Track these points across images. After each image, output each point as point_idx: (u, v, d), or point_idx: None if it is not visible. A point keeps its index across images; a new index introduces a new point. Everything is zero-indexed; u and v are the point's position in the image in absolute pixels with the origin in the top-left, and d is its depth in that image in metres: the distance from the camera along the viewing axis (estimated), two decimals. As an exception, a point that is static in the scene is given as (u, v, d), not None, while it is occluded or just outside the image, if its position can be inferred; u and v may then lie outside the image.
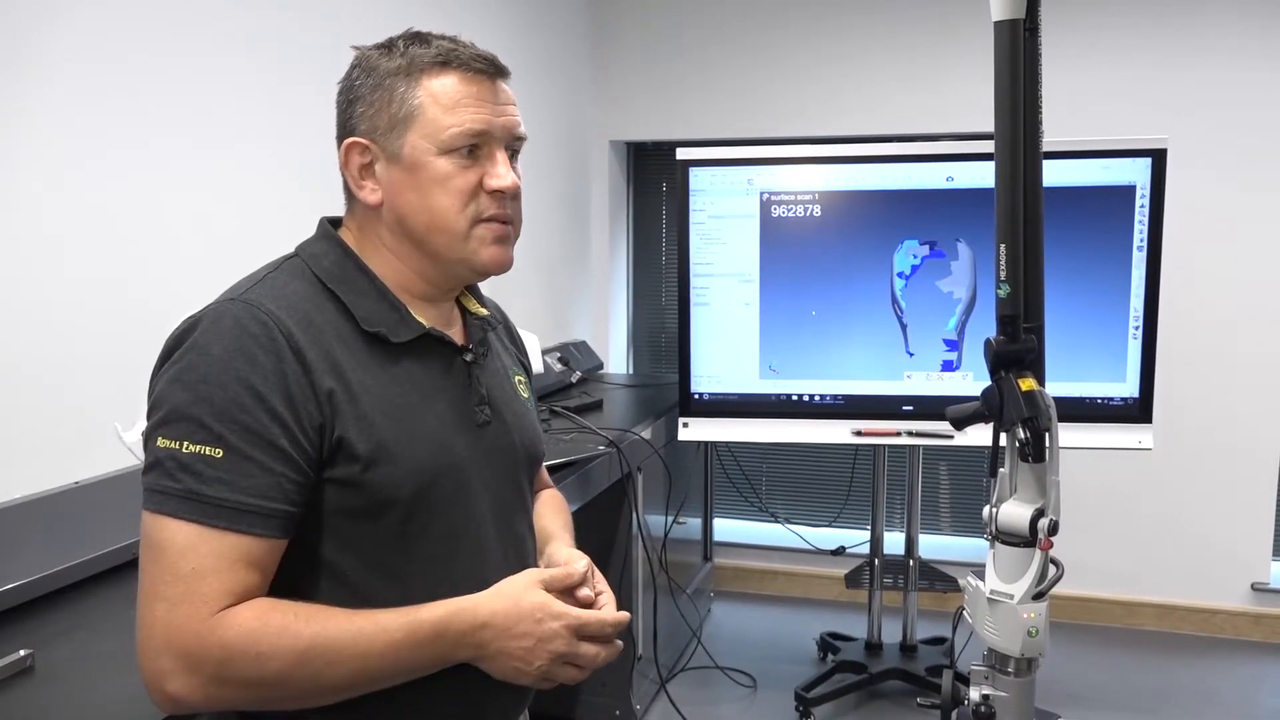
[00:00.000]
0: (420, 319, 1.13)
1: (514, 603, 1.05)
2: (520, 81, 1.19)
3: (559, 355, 3.72)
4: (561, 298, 4.14)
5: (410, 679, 1.03)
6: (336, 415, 1.02)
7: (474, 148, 1.09)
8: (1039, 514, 1.50)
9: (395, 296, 1.12)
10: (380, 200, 1.10)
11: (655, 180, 4.54)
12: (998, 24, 1.44)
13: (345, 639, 0.98)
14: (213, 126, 2.13)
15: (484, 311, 1.25)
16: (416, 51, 1.09)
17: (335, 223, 1.18)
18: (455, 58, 1.09)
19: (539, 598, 1.06)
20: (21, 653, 1.30)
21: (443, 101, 1.07)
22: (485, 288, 1.23)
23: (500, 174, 1.10)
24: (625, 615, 1.11)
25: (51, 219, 1.77)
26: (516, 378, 1.30)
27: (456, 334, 1.20)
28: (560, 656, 1.06)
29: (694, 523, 3.96)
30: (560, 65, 4.01)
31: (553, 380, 3.52)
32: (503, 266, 1.14)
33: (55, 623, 1.43)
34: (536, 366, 2.88)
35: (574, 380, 3.68)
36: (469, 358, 1.18)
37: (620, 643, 1.13)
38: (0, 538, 1.53)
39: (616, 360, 4.50)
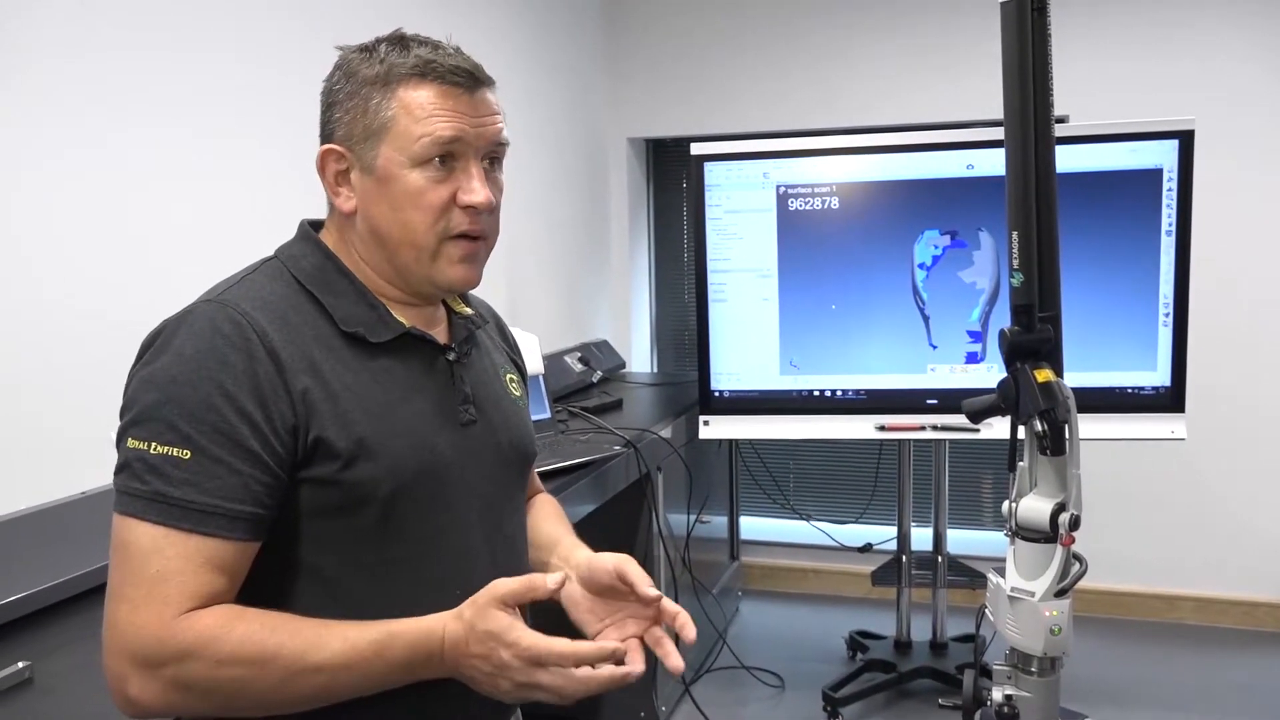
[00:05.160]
0: (400, 319, 1.12)
1: (469, 627, 0.98)
2: (533, 80, 1.18)
3: (579, 355, 3.69)
4: (581, 297, 4.11)
5: (376, 693, 1.00)
6: (313, 414, 1.01)
7: (447, 158, 1.06)
8: (1060, 508, 1.46)
9: (375, 297, 1.11)
10: (354, 208, 1.09)
11: (676, 176, 4.50)
12: (1004, 4, 1.41)
13: (310, 652, 0.95)
14: (212, 125, 2.12)
15: (469, 310, 1.24)
16: (394, 60, 1.06)
17: (317, 225, 1.16)
18: (432, 70, 1.05)
19: (493, 624, 0.96)
20: (20, 665, 1.30)
21: (415, 113, 1.04)
22: (501, 288, 1.20)
23: (473, 189, 1.07)
24: (608, 646, 1.01)
25: (53, 223, 1.77)
26: (508, 376, 1.28)
27: (440, 333, 1.18)
28: (521, 686, 0.98)
29: (720, 521, 3.92)
30: (574, 63, 3.98)
31: (573, 380, 3.50)
32: (469, 285, 1.13)
33: (55, 635, 1.42)
34: (535, 365, 2.85)
35: (595, 380, 3.65)
36: (452, 356, 1.16)
37: (631, 669, 1.04)
38: (1, 549, 1.53)
39: (640, 359, 4.48)
